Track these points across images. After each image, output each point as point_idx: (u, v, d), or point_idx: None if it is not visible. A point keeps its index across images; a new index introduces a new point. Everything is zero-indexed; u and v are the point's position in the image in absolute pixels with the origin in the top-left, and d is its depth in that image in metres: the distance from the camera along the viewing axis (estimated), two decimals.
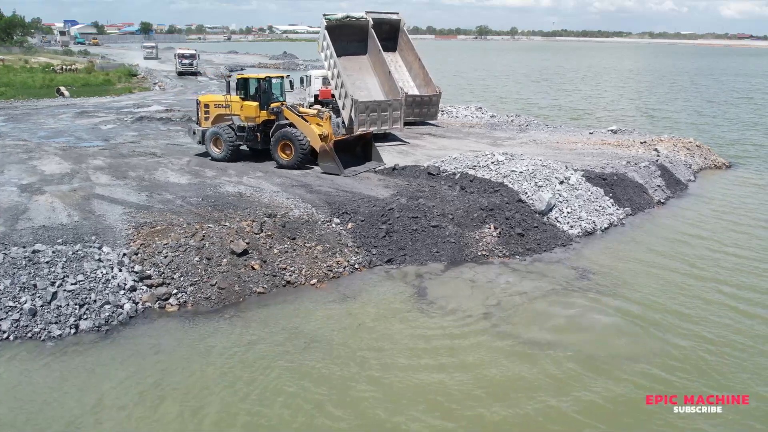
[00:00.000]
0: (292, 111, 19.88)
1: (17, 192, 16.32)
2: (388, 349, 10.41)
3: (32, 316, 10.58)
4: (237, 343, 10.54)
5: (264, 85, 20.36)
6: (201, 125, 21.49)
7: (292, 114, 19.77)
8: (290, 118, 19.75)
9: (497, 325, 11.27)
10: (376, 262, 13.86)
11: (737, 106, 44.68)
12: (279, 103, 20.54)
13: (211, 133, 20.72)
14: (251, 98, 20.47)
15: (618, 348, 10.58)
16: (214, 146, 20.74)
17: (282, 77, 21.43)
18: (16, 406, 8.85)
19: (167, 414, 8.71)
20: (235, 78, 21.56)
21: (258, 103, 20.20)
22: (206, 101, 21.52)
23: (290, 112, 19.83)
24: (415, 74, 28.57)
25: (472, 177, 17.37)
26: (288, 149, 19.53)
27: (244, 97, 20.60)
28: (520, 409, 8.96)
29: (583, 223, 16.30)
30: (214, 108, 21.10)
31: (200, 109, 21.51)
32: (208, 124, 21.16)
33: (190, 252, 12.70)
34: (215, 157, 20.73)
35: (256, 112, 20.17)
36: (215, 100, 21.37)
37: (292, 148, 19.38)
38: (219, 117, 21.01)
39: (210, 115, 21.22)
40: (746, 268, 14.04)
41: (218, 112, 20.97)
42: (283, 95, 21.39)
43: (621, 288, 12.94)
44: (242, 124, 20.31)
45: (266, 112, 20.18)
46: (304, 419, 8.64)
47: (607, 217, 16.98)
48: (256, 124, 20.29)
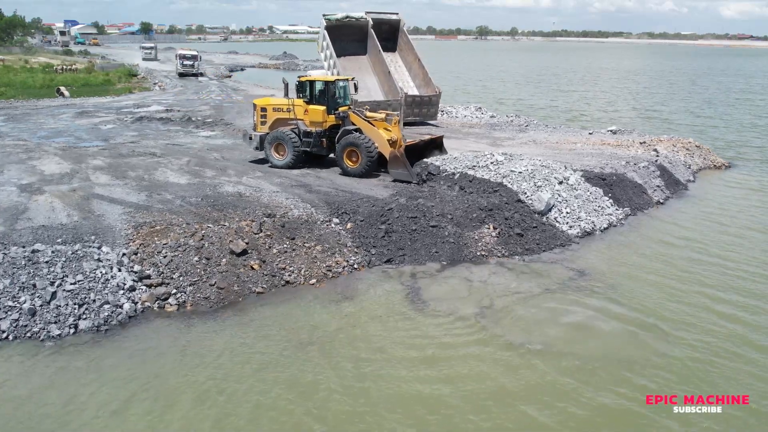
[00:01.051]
0: (359, 115, 18.85)
1: (17, 192, 16.33)
2: (378, 357, 10.24)
3: (31, 315, 10.60)
4: (231, 346, 10.46)
5: (331, 89, 19.35)
6: (257, 130, 20.43)
7: (358, 118, 18.77)
8: (357, 123, 18.77)
9: (488, 328, 11.21)
10: (376, 262, 13.88)
11: (735, 107, 44.68)
12: (346, 107, 19.53)
13: (273, 138, 19.57)
14: (317, 102, 19.43)
15: (613, 351, 10.54)
16: (276, 152, 19.64)
17: (347, 79, 20.35)
18: (15, 406, 8.85)
19: (159, 417, 8.70)
20: (297, 80, 20.20)
21: (325, 107, 19.21)
22: (263, 105, 20.45)
23: (357, 116, 18.81)
24: (414, 74, 28.62)
25: (471, 177, 17.38)
26: (354, 156, 18.54)
27: (308, 101, 19.52)
28: (512, 414, 8.95)
29: (582, 223, 16.31)
30: (272, 112, 20.06)
31: (257, 114, 20.43)
32: (265, 129, 20.16)
33: (190, 252, 12.71)
34: (276, 164, 19.59)
35: (323, 117, 19.15)
36: (273, 104, 20.27)
37: (359, 156, 18.39)
38: (278, 121, 19.93)
39: (267, 119, 20.16)
40: (739, 271, 13.96)
41: (277, 116, 19.93)
42: (348, 98, 20.39)
43: (617, 290, 12.92)
44: (308, 130, 19.28)
45: (333, 116, 19.18)
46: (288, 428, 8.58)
47: (606, 217, 17.00)
48: (322, 130, 19.27)
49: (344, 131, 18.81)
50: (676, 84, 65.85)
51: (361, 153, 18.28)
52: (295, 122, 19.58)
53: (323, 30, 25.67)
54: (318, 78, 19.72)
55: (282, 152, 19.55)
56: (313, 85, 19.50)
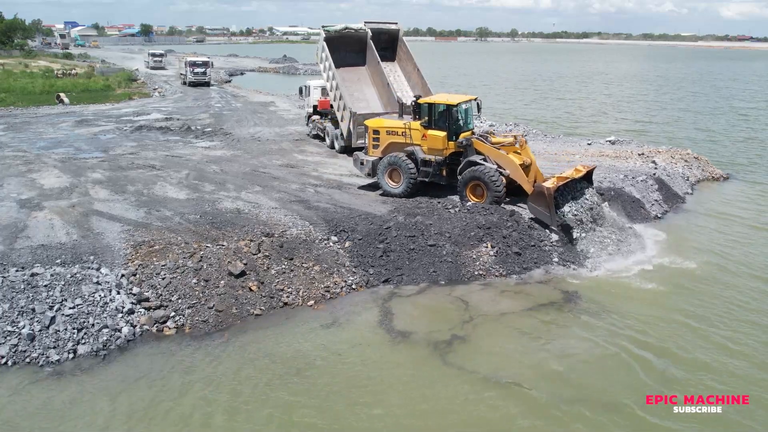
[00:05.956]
0: (484, 142, 17.06)
1: (16, 208, 16.40)
2: (363, 384, 10.28)
3: (30, 340, 10.64)
4: (225, 373, 10.49)
5: (453, 113, 17.40)
6: (369, 154, 18.74)
7: (484, 145, 16.98)
8: (483, 151, 16.99)
9: (471, 358, 11.28)
10: (374, 282, 13.91)
11: (728, 116, 44.72)
12: (469, 132, 17.77)
13: (387, 164, 17.90)
14: (436, 126, 17.53)
15: (591, 378, 10.47)
16: (390, 179, 18.01)
17: (470, 100, 18.23)
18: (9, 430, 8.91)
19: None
20: (413, 101, 18.47)
21: (446, 132, 17.35)
22: (376, 126, 18.71)
23: (482, 143, 17.03)
24: (413, 84, 28.53)
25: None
26: (479, 191, 16.65)
27: (427, 125, 17.65)
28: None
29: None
30: (385, 135, 18.38)
31: (368, 136, 18.82)
32: (377, 153, 18.48)
33: (188, 273, 12.75)
34: (391, 192, 17.93)
35: (443, 144, 17.30)
36: (387, 126, 18.47)
37: (484, 191, 16.54)
38: (392, 146, 18.27)
39: (380, 143, 18.46)
40: (734, 304, 13.84)
41: (391, 140, 18.26)
42: (471, 122, 18.36)
43: (607, 311, 12.85)
44: (426, 158, 17.52)
45: (454, 143, 17.36)
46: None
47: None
48: (442, 158, 17.45)
49: (468, 162, 16.96)
50: (682, 88, 65.87)
51: (488, 189, 16.44)
52: (411, 148, 17.95)
53: (322, 41, 25.62)
54: (438, 101, 17.71)
55: (397, 179, 17.96)
56: (433, 107, 17.63)
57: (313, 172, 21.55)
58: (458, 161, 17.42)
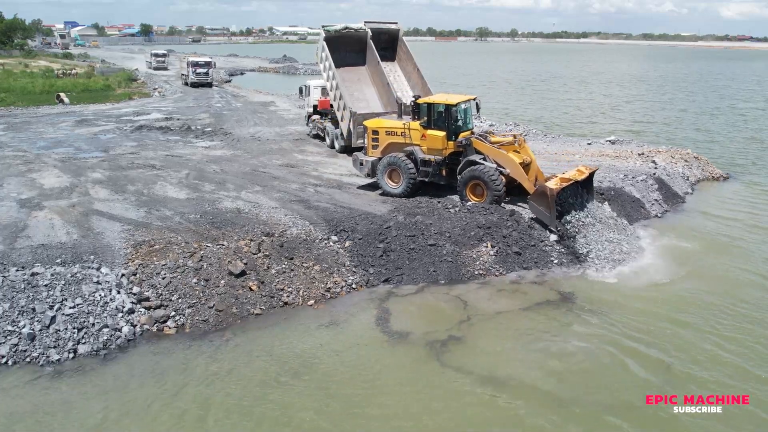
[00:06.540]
0: (483, 141, 17.13)
1: (16, 207, 16.40)
2: (361, 384, 10.26)
3: (31, 340, 10.65)
4: (225, 373, 10.48)
5: (453, 112, 17.51)
6: (368, 154, 18.82)
7: (483, 145, 17.04)
8: (483, 150, 17.04)
9: (468, 359, 11.29)
10: (374, 282, 13.92)
11: (728, 116, 44.74)
12: (468, 131, 17.87)
13: (386, 164, 18.00)
14: (436, 126, 17.61)
15: (591, 378, 10.46)
16: (389, 179, 18.10)
17: (470, 99, 18.31)
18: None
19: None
20: (412, 101, 18.61)
21: (445, 132, 17.45)
22: (375, 127, 18.75)
23: (481, 143, 17.10)
24: (413, 84, 28.54)
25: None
26: (479, 190, 16.76)
27: (426, 125, 17.72)
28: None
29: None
30: (384, 135, 18.44)
31: (368, 136, 18.84)
32: (377, 153, 18.54)
33: (188, 273, 12.76)
34: (391, 192, 18.01)
35: (442, 144, 17.40)
36: (386, 126, 18.54)
37: (483, 190, 16.67)
38: (391, 146, 18.33)
39: (380, 143, 18.51)
40: (735, 304, 13.85)
41: (390, 140, 18.34)
42: (470, 122, 18.47)
43: (606, 311, 12.84)
44: (425, 158, 17.63)
45: (453, 143, 17.46)
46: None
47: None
48: (442, 158, 17.57)
49: (467, 162, 17.04)
50: (681, 88, 65.88)
51: (488, 188, 16.53)
52: (410, 148, 18.03)
53: (322, 41, 25.63)
54: (437, 100, 17.79)
55: (397, 179, 18.05)
56: (432, 107, 17.68)
57: (313, 171, 21.57)
58: (458, 161, 17.50)
